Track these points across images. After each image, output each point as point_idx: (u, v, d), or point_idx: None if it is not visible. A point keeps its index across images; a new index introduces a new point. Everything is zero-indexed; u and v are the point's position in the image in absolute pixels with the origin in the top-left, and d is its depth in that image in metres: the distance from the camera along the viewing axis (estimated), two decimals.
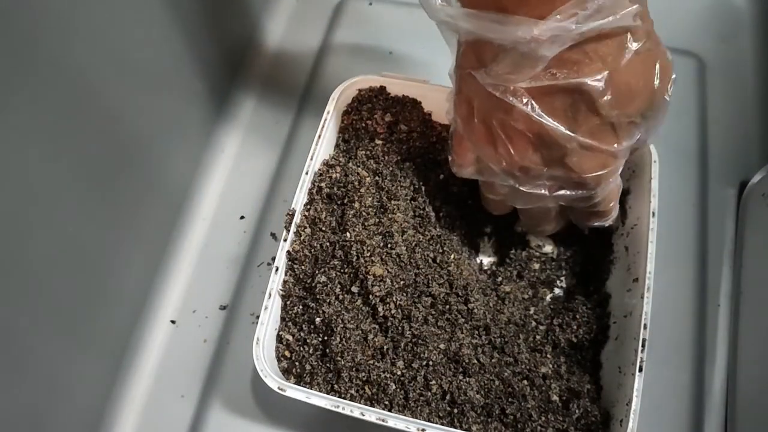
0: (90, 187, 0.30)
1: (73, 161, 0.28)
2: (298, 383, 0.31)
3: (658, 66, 0.28)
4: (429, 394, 0.31)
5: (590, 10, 0.25)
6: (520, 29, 0.26)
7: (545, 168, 0.29)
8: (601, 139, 0.29)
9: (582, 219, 0.35)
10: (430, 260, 0.34)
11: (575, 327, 0.34)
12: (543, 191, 0.31)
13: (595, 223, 0.34)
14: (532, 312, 0.36)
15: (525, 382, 0.32)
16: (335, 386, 0.31)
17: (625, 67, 0.27)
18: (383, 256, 0.33)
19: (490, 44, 0.27)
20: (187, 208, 0.40)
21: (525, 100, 0.28)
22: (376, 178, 0.36)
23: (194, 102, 0.39)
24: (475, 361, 0.32)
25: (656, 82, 0.28)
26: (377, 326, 0.32)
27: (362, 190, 0.35)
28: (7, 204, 0.24)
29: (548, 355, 0.34)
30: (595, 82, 0.27)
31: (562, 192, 0.31)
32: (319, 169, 0.36)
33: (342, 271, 0.33)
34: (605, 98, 0.27)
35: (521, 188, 0.31)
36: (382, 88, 0.39)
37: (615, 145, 0.29)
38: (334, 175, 0.36)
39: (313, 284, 0.33)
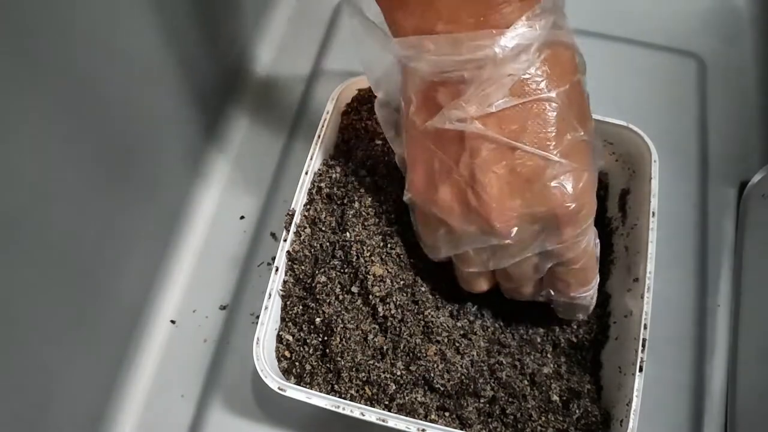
0: (90, 186, 0.30)
1: (73, 162, 0.28)
2: (298, 383, 0.31)
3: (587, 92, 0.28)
4: None
5: (540, 11, 0.24)
6: (479, 47, 0.23)
7: (527, 209, 0.27)
8: (576, 158, 0.26)
9: (561, 289, 0.31)
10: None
11: (575, 327, 0.34)
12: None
13: (578, 315, 0.33)
14: None
15: (525, 381, 0.32)
16: (335, 386, 0.31)
17: (577, 82, 0.26)
18: (383, 256, 0.33)
19: (445, 83, 0.25)
20: (186, 208, 0.40)
21: (493, 130, 0.25)
22: (376, 178, 0.36)
23: (195, 101, 0.39)
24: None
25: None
26: (377, 326, 0.32)
27: (362, 190, 0.35)
28: (7, 201, 0.24)
29: (548, 355, 0.34)
30: (560, 96, 0.25)
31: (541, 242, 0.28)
32: (319, 169, 0.36)
33: (342, 271, 0.33)
34: (570, 113, 0.26)
35: (506, 241, 0.27)
36: None
37: (587, 163, 0.27)
38: (333, 175, 0.36)
39: (313, 284, 0.33)
